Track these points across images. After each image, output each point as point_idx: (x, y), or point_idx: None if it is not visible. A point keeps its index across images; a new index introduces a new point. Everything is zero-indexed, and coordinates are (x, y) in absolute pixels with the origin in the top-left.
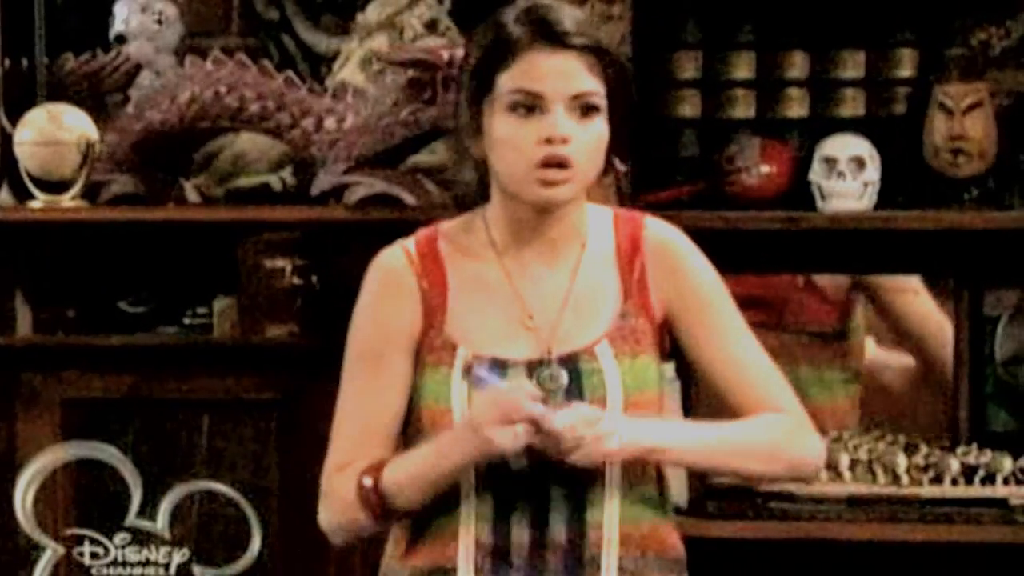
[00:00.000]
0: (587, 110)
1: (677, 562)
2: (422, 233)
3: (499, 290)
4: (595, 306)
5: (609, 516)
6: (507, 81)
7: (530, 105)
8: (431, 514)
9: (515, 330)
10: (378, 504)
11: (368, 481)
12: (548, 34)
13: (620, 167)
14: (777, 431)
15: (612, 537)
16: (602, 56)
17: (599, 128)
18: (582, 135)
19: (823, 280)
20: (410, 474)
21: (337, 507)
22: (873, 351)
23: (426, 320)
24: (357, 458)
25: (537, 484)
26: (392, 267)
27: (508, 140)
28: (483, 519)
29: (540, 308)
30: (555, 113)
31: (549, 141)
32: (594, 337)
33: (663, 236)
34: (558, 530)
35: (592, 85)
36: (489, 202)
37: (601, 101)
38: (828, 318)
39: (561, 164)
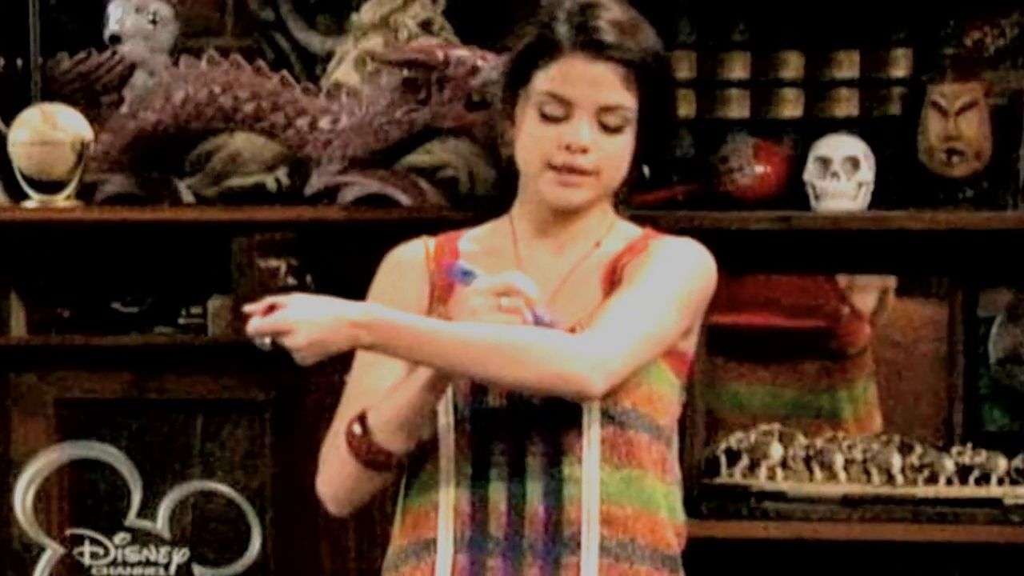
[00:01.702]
0: (615, 123)
1: (671, 559)
2: (446, 233)
3: None
4: (585, 292)
5: (587, 493)
6: (542, 81)
7: (558, 109)
8: (414, 490)
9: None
10: (366, 447)
11: (356, 427)
12: (589, 42)
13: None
14: (532, 337)
15: (591, 515)
16: (640, 69)
17: (624, 142)
18: (605, 147)
19: (861, 302)
20: (391, 403)
21: (331, 465)
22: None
23: (432, 302)
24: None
25: (514, 453)
26: (408, 255)
27: (532, 138)
28: (462, 487)
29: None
30: (580, 121)
31: (569, 148)
32: (577, 318)
33: (664, 237)
34: (535, 502)
35: (623, 99)
36: (514, 203)
37: (630, 115)
38: (864, 336)
39: (578, 171)
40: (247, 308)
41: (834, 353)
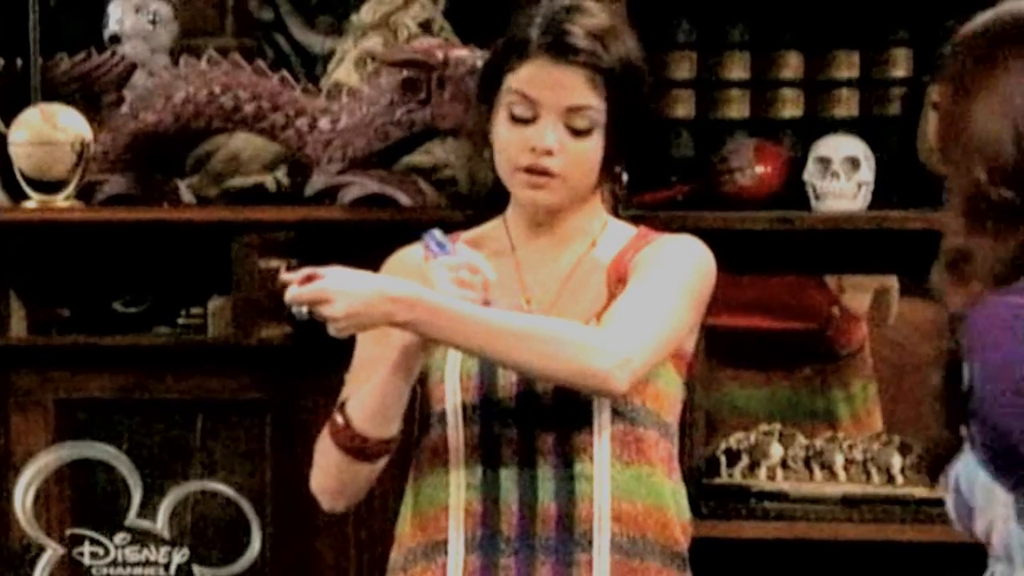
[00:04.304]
0: (582, 126)
1: (679, 556)
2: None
3: (507, 280)
4: (590, 291)
5: (599, 491)
6: (512, 83)
7: (526, 111)
8: (424, 490)
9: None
10: (348, 435)
11: (338, 417)
12: (557, 44)
13: (623, 176)
14: (565, 330)
15: (603, 513)
16: (607, 73)
17: (591, 145)
18: (571, 149)
19: (854, 303)
20: (366, 389)
21: (320, 458)
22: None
23: None
24: None
25: (524, 452)
26: (409, 257)
27: (502, 140)
28: (472, 488)
29: (539, 292)
30: (545, 123)
31: (534, 151)
32: (584, 318)
33: (664, 234)
34: (546, 501)
35: (590, 101)
36: (508, 205)
37: (598, 117)
38: (859, 337)
39: (543, 173)
40: (284, 277)
41: (827, 354)
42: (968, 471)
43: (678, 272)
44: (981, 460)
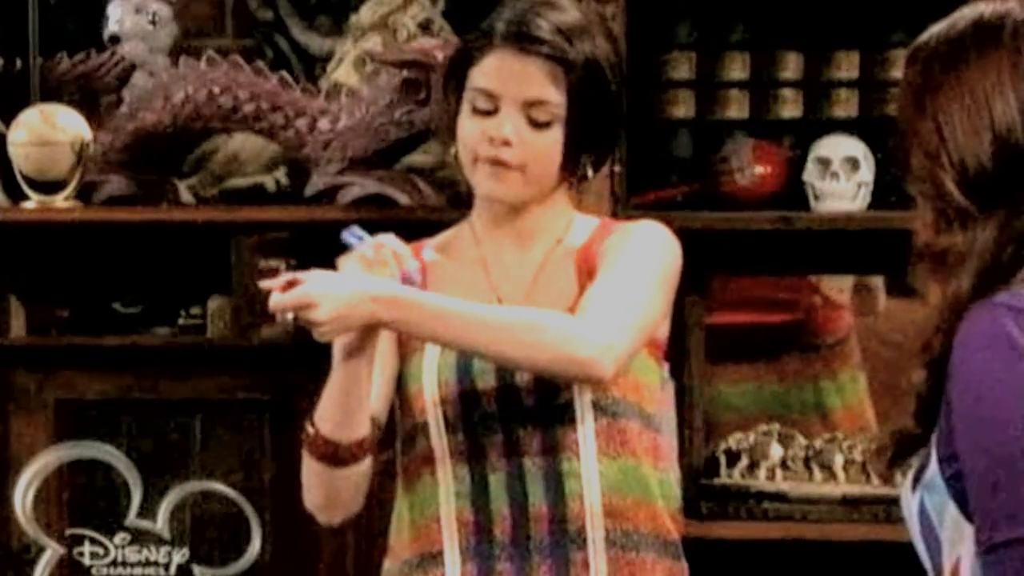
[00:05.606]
0: (542, 118)
1: (673, 545)
2: (413, 243)
3: (475, 280)
4: (560, 287)
5: (588, 487)
6: (473, 78)
7: (487, 103)
8: (415, 502)
9: None
10: (318, 442)
11: (308, 426)
12: (518, 36)
13: (603, 171)
14: (545, 319)
15: (595, 509)
16: (569, 66)
17: (551, 138)
18: (530, 141)
19: (835, 291)
20: (324, 393)
21: (305, 474)
22: None
23: None
24: None
25: (511, 455)
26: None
27: (463, 131)
28: (462, 496)
29: (508, 291)
30: (504, 115)
31: (492, 141)
32: (558, 311)
33: (627, 222)
34: (537, 502)
35: (549, 95)
36: (473, 206)
37: (558, 111)
38: (843, 325)
39: (501, 164)
40: (264, 284)
41: (811, 345)
42: (935, 501)
43: (647, 258)
44: (939, 470)
